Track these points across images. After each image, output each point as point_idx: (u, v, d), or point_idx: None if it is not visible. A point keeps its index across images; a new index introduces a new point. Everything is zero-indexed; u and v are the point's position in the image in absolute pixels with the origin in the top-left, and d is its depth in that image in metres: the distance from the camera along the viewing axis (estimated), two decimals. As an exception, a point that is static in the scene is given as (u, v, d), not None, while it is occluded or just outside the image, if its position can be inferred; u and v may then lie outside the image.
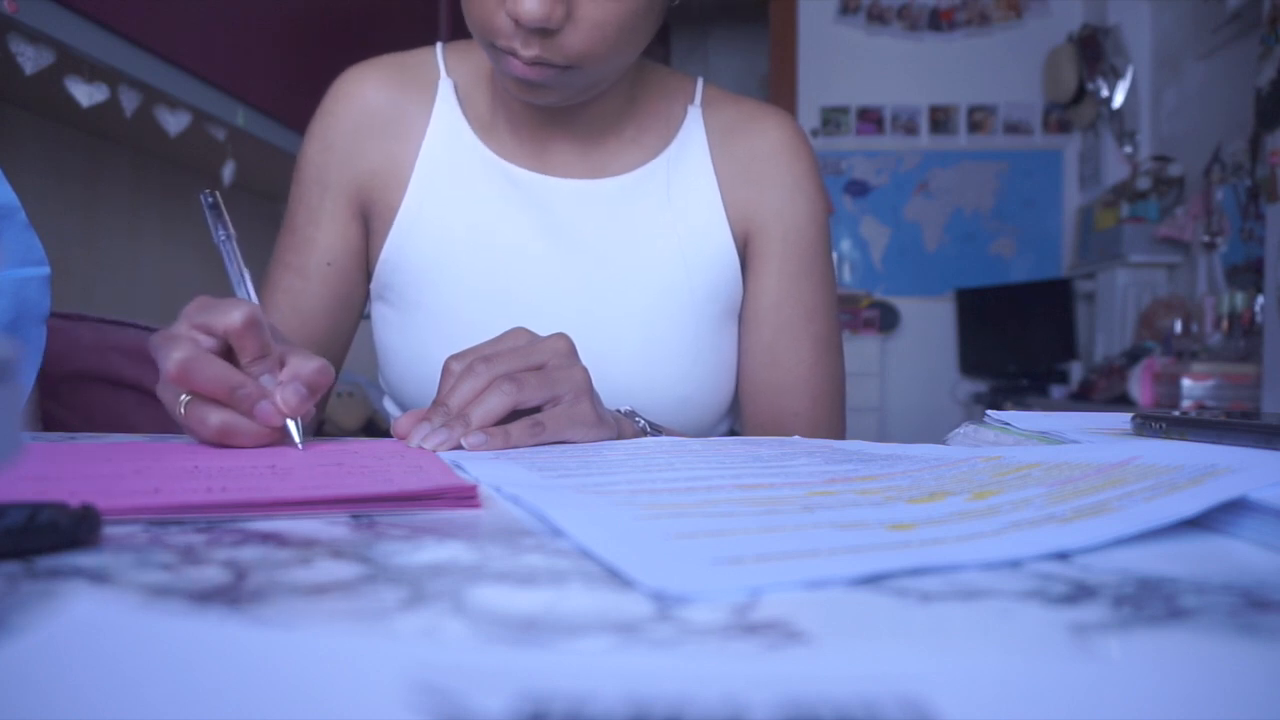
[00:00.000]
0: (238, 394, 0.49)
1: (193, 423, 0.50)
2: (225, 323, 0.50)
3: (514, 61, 0.65)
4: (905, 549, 0.25)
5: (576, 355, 0.59)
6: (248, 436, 0.50)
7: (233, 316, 0.50)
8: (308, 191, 0.79)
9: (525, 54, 0.63)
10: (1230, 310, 2.50)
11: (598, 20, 0.63)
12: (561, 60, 0.64)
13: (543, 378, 0.56)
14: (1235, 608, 0.21)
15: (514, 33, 0.63)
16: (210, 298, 0.53)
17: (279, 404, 0.50)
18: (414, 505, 0.33)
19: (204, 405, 0.49)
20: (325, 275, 0.79)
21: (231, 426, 0.49)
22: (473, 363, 0.56)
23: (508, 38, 0.63)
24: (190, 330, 0.51)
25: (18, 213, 0.62)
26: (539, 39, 0.63)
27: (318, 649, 0.16)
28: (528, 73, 0.65)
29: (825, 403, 0.82)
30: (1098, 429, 0.50)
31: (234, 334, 0.51)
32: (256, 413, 0.50)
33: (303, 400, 0.50)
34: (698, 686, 0.14)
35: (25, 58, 1.21)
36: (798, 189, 0.81)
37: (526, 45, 0.63)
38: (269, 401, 0.50)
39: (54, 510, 0.25)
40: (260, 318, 0.51)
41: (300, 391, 0.50)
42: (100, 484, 0.35)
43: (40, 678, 0.14)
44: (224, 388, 0.49)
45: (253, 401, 0.49)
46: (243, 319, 0.50)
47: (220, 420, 0.49)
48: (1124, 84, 3.45)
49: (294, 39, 1.88)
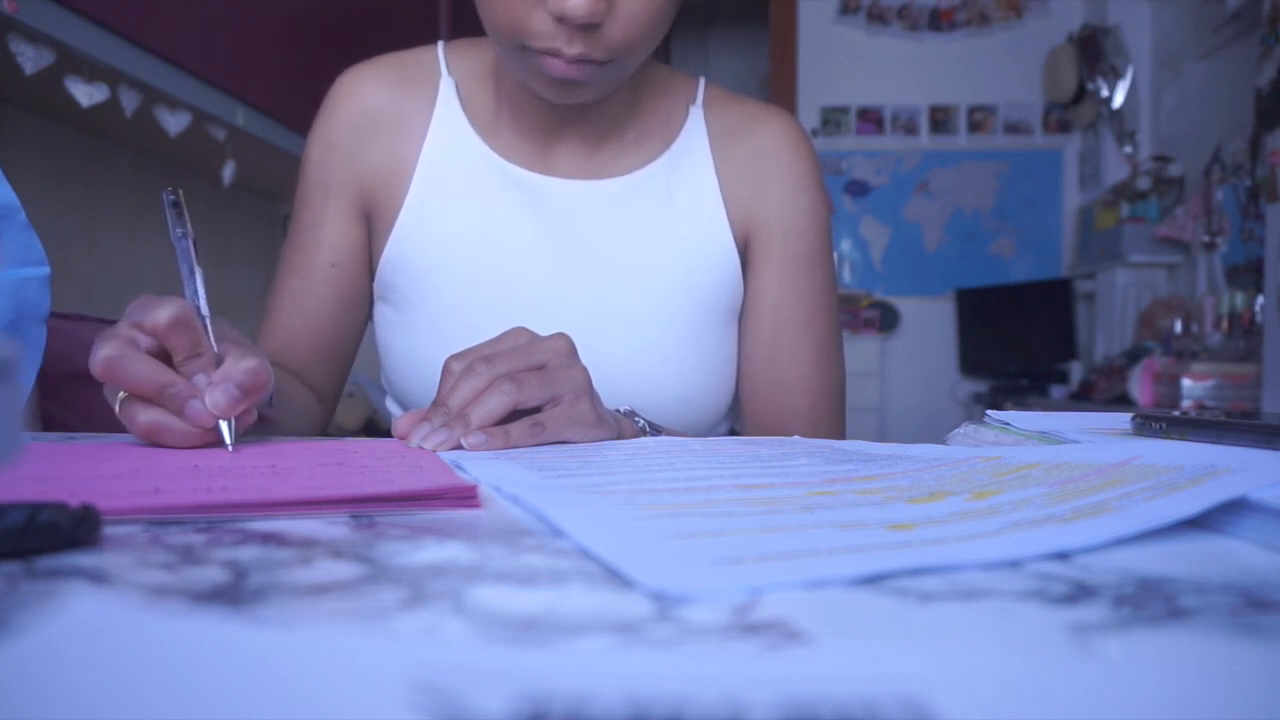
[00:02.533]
0: (166, 393, 0.48)
1: (125, 420, 0.49)
2: (152, 321, 0.49)
3: (554, 62, 0.64)
4: (905, 549, 0.25)
5: (577, 355, 0.59)
6: (177, 436, 0.49)
7: (159, 314, 0.49)
8: (311, 193, 0.80)
9: (570, 52, 0.63)
10: (1230, 310, 2.50)
11: (635, 11, 0.63)
12: (603, 54, 0.64)
13: (543, 378, 0.56)
14: (1235, 608, 0.21)
15: (555, 32, 0.62)
16: (151, 296, 0.52)
17: (207, 404, 0.48)
18: (414, 505, 0.33)
19: (135, 404, 0.48)
20: (329, 276, 0.79)
21: (159, 425, 0.48)
22: (473, 363, 0.56)
23: (547, 38, 0.63)
24: (128, 329, 0.50)
25: (18, 213, 0.62)
26: (582, 35, 0.62)
27: (318, 649, 0.16)
28: (569, 71, 0.64)
29: (825, 403, 0.81)
30: (1098, 429, 0.50)
31: (161, 332, 0.49)
32: (185, 412, 0.48)
33: (233, 401, 0.49)
34: (698, 686, 0.14)
35: (25, 58, 1.21)
36: (799, 189, 0.81)
37: (570, 43, 0.62)
38: (199, 401, 0.48)
39: (54, 510, 0.25)
40: (190, 316, 0.50)
41: (231, 393, 0.49)
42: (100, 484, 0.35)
43: (40, 678, 0.14)
44: (151, 386, 0.48)
45: (182, 401, 0.48)
46: (169, 317, 0.49)
47: (148, 419, 0.48)
48: (1124, 84, 3.45)
49: (294, 39, 1.88)
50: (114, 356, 0.48)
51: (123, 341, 0.49)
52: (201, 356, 0.51)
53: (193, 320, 0.51)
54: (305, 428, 0.76)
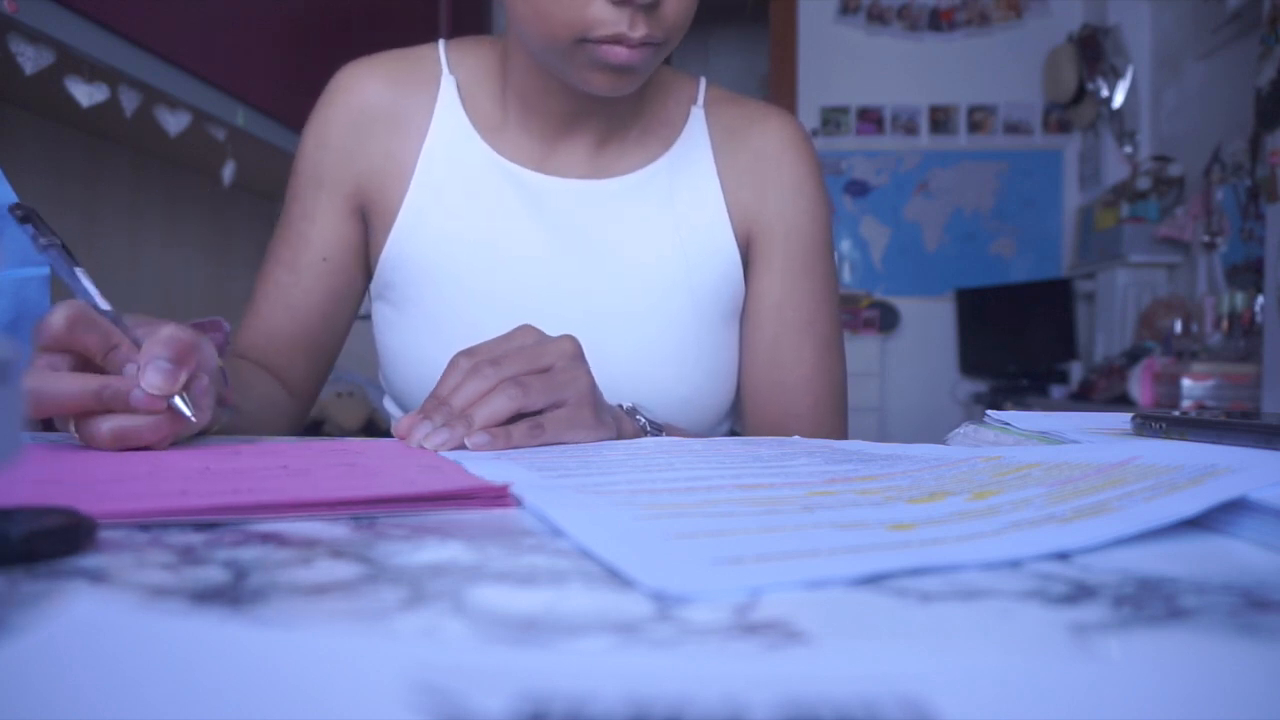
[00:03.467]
0: (104, 395, 0.46)
1: (90, 441, 0.47)
2: (50, 332, 0.47)
3: (617, 50, 0.64)
4: (906, 549, 0.25)
5: (583, 358, 0.59)
6: (147, 432, 0.47)
7: (53, 323, 0.47)
8: (303, 188, 0.79)
9: (635, 35, 0.63)
10: (1230, 310, 2.50)
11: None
12: (662, 34, 0.65)
13: (547, 382, 0.56)
14: (1235, 608, 0.21)
15: (618, 17, 0.63)
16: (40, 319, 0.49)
17: (145, 388, 0.46)
18: (446, 505, 0.33)
19: (89, 421, 0.47)
20: (319, 271, 0.78)
21: (123, 429, 0.46)
22: (479, 364, 0.56)
23: (611, 25, 0.63)
24: (38, 358, 0.48)
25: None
26: (644, 16, 0.63)
27: (318, 649, 0.16)
28: (632, 57, 0.64)
29: (826, 404, 0.81)
30: (1098, 429, 0.50)
31: (62, 339, 0.47)
32: (132, 404, 0.46)
33: (169, 375, 0.47)
34: (698, 686, 0.14)
35: (25, 58, 1.21)
36: (800, 190, 0.81)
37: (635, 26, 0.63)
38: (139, 389, 0.46)
39: (52, 516, 0.25)
40: (86, 312, 0.48)
41: (162, 367, 0.46)
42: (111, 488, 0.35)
43: (40, 678, 0.14)
44: (86, 395, 0.46)
45: (123, 397, 0.46)
46: (63, 320, 0.47)
47: (109, 427, 0.46)
48: (1124, 84, 3.45)
49: (294, 39, 1.88)
50: (35, 390, 0.45)
51: (37, 373, 0.46)
52: (119, 348, 0.49)
53: (91, 315, 0.48)
54: (272, 420, 0.74)
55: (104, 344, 0.48)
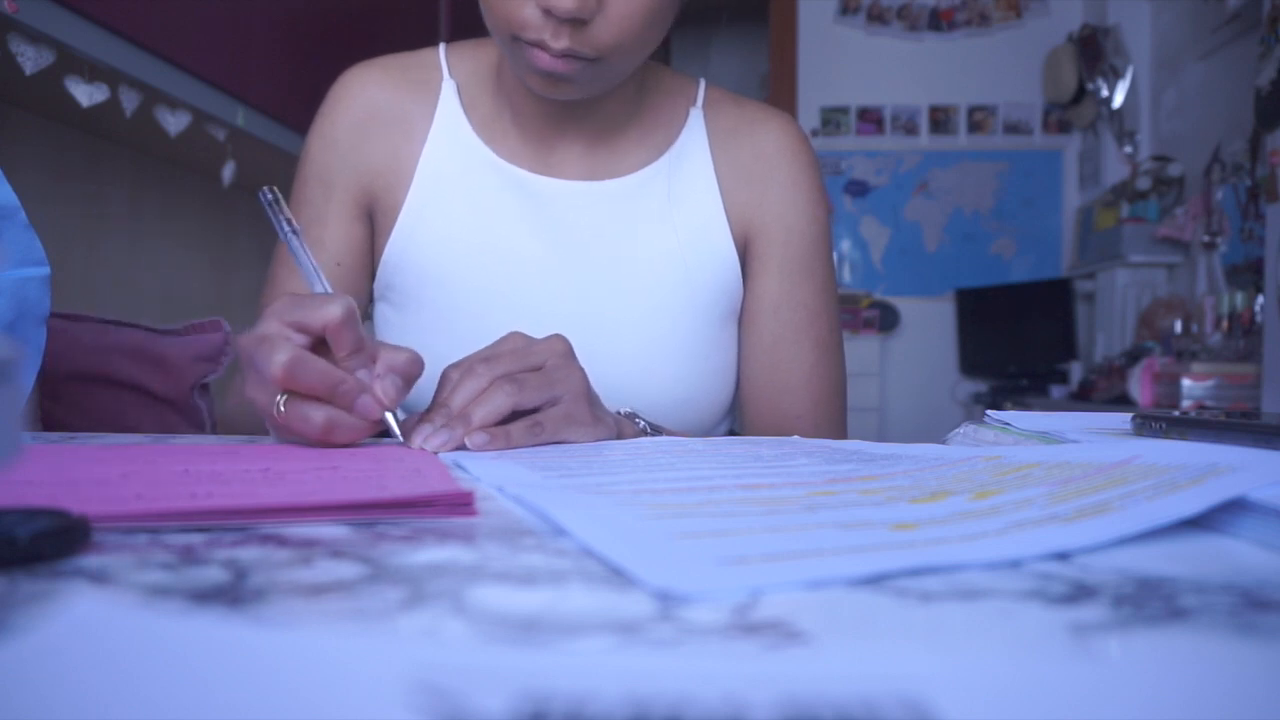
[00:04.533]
0: (339, 390, 0.50)
1: (294, 422, 0.50)
2: (323, 319, 0.51)
3: (541, 54, 0.64)
4: (909, 549, 0.25)
5: (574, 356, 0.59)
6: (351, 431, 0.51)
7: (331, 311, 0.51)
8: (312, 191, 0.79)
9: (555, 46, 0.63)
10: (1230, 310, 2.50)
11: (627, 11, 0.63)
12: (591, 52, 0.64)
13: (542, 378, 0.56)
14: (1235, 608, 0.21)
15: (543, 24, 0.63)
16: (298, 295, 0.53)
17: (379, 397, 0.51)
18: (407, 513, 0.32)
19: (304, 404, 0.50)
20: (333, 275, 0.78)
21: (335, 422, 0.50)
22: (472, 364, 0.56)
23: (536, 30, 0.63)
24: (283, 329, 0.51)
25: (18, 213, 0.62)
26: (569, 30, 0.63)
27: (318, 649, 0.16)
28: (555, 65, 0.64)
29: (826, 405, 0.81)
30: (1098, 429, 0.50)
31: (332, 330, 0.51)
32: (356, 407, 0.50)
33: (400, 391, 0.51)
34: (698, 686, 0.14)
35: (25, 58, 1.21)
36: (798, 192, 0.81)
37: (557, 37, 0.63)
38: (368, 395, 0.51)
39: (47, 518, 0.25)
40: (356, 314, 0.52)
41: (397, 383, 0.51)
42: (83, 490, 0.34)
43: (40, 678, 0.14)
44: (326, 385, 0.50)
45: (353, 397, 0.50)
46: (342, 313, 0.51)
47: (324, 417, 0.49)
48: (1124, 84, 3.45)
49: (294, 39, 1.88)
50: (293, 360, 0.49)
51: (291, 343, 0.50)
52: (362, 352, 0.52)
53: (358, 318, 0.52)
54: None
55: (354, 346, 0.52)
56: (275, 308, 0.52)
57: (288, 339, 0.51)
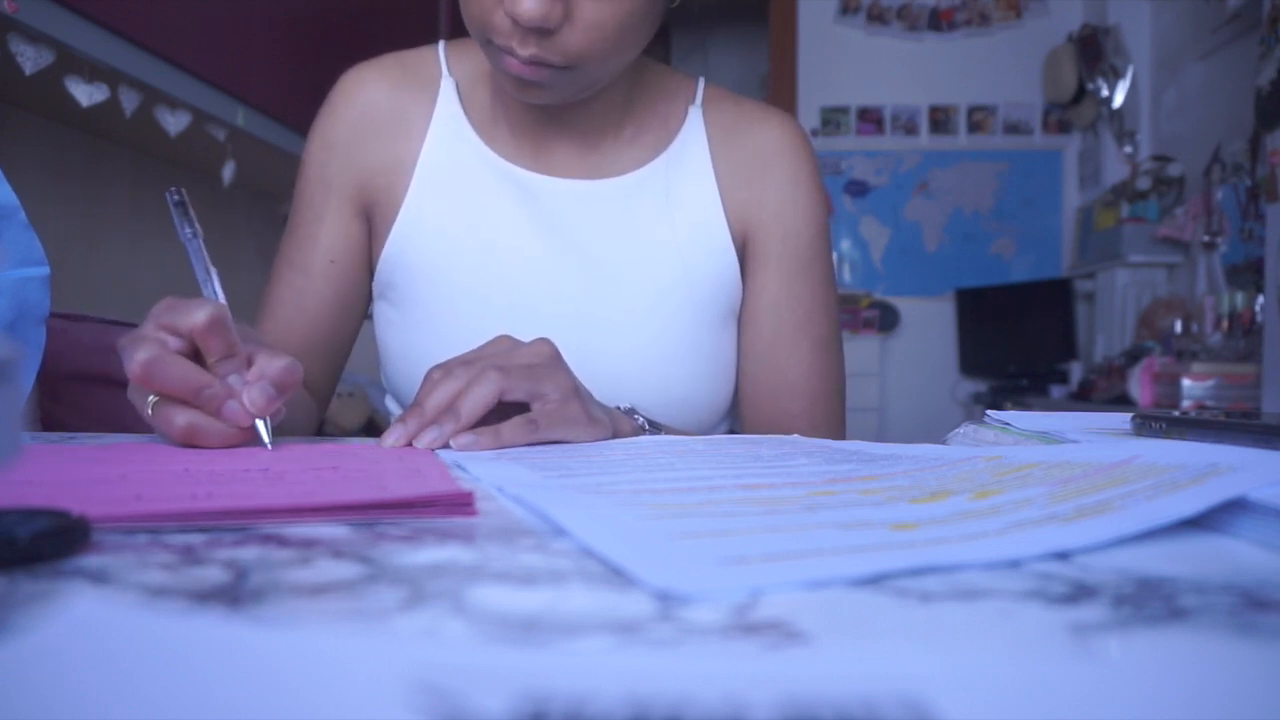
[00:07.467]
0: (204, 394, 0.49)
1: (160, 424, 0.49)
2: (190, 322, 0.50)
3: (510, 60, 0.64)
4: (910, 549, 0.25)
5: (561, 359, 0.60)
6: (215, 437, 0.49)
7: (197, 316, 0.50)
8: (311, 190, 0.80)
9: (522, 53, 0.63)
10: (1230, 310, 2.50)
11: (596, 20, 0.63)
12: (559, 60, 0.64)
13: (528, 372, 0.56)
14: (1235, 608, 0.21)
15: (511, 31, 0.63)
16: (177, 298, 0.52)
17: (246, 404, 0.50)
18: (407, 513, 0.32)
19: (171, 406, 0.49)
20: (328, 273, 0.79)
21: (198, 427, 0.49)
22: (452, 366, 0.56)
23: (505, 36, 0.63)
24: (156, 331, 0.51)
25: (18, 213, 0.62)
26: (536, 38, 0.63)
27: (318, 649, 0.16)
28: (524, 71, 0.65)
29: (825, 404, 0.81)
30: (1098, 429, 0.50)
31: (198, 333, 0.50)
32: (224, 413, 0.49)
33: (270, 400, 0.50)
34: (698, 686, 0.14)
35: (25, 58, 1.21)
36: (798, 190, 0.81)
37: (524, 44, 0.63)
38: (236, 401, 0.50)
39: (47, 518, 0.25)
40: (225, 317, 0.51)
41: (268, 391, 0.50)
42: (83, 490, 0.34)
43: (40, 678, 0.14)
44: (189, 388, 0.49)
45: (220, 402, 0.49)
46: (206, 318, 0.50)
47: (186, 421, 0.49)
48: (1124, 84, 3.45)
49: (294, 39, 1.88)
50: (152, 360, 0.48)
51: (157, 344, 0.49)
52: (234, 357, 0.51)
53: (228, 322, 0.51)
54: (303, 422, 0.76)
55: (224, 351, 0.51)
56: (154, 309, 0.52)
57: (158, 340, 0.50)
